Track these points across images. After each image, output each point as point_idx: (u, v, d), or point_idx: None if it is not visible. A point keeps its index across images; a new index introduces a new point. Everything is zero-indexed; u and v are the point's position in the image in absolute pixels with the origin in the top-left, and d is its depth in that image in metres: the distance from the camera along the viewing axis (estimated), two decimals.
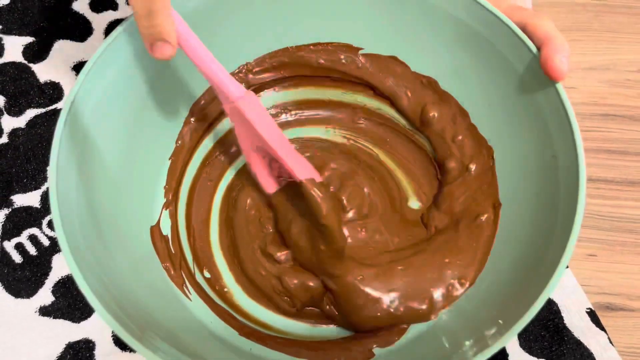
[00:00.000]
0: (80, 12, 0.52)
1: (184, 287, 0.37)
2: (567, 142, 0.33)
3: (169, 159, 0.42)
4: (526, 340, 0.38)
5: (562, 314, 0.39)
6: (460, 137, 0.42)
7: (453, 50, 0.40)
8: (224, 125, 0.45)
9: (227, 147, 0.45)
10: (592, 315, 0.39)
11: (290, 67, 0.45)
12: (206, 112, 0.43)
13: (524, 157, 0.37)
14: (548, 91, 0.34)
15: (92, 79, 0.33)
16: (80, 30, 0.51)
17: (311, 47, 0.44)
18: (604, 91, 0.52)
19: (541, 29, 0.35)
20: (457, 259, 0.38)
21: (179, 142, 0.42)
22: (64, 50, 0.50)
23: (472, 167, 0.41)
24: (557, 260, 0.29)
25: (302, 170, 0.36)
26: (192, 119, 0.43)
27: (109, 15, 0.52)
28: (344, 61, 0.44)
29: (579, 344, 0.38)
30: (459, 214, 0.40)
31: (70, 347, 0.38)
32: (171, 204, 0.41)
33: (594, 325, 0.39)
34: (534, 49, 0.35)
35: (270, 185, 0.40)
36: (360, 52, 0.44)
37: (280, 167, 0.38)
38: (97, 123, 0.34)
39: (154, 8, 0.26)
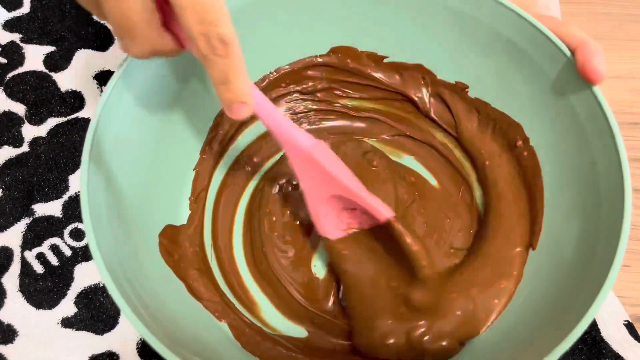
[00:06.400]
0: (101, 22, 0.52)
1: None
2: (607, 148, 0.32)
3: (194, 170, 0.41)
4: (564, 353, 0.37)
5: (599, 327, 0.38)
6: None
7: (481, 57, 0.39)
8: (249, 134, 0.44)
9: (251, 156, 0.44)
10: (630, 327, 0.38)
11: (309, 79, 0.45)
12: (231, 123, 0.43)
13: (560, 165, 0.36)
14: (584, 95, 0.34)
15: (119, 91, 0.33)
16: (101, 39, 0.51)
17: (330, 53, 0.43)
18: (630, 100, 0.51)
19: (572, 35, 0.34)
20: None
21: (204, 153, 0.41)
22: (85, 59, 0.50)
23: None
24: (602, 276, 0.28)
25: (382, 209, 0.34)
26: (217, 130, 0.42)
27: None
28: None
29: (617, 357, 0.37)
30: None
31: (94, 359, 0.37)
32: (196, 215, 0.40)
33: (631, 338, 0.38)
34: (568, 53, 0.34)
35: (334, 232, 0.37)
36: (385, 60, 0.43)
37: (350, 218, 0.36)
38: (124, 134, 0.34)
39: (230, 76, 0.27)
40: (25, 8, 0.52)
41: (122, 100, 0.33)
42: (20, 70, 0.49)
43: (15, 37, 0.51)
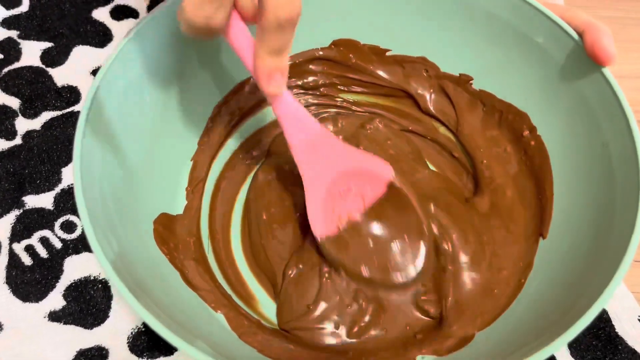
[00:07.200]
0: (101, 20, 0.51)
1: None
2: (619, 127, 0.31)
3: (191, 160, 0.40)
4: (577, 350, 0.35)
5: (614, 322, 0.36)
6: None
7: (487, 46, 0.39)
8: (248, 126, 0.43)
9: (250, 149, 0.43)
10: None
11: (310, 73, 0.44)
12: (230, 113, 0.42)
13: (570, 150, 0.35)
14: (593, 78, 0.33)
15: (114, 74, 0.32)
16: (99, 37, 0.50)
17: (332, 46, 0.43)
18: (636, 98, 0.51)
19: (579, 18, 0.34)
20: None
21: (202, 144, 0.40)
22: (82, 55, 0.49)
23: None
24: (615, 262, 0.27)
25: (384, 167, 0.35)
26: (216, 120, 0.41)
27: (130, 24, 0.51)
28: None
29: (633, 352, 0.35)
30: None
31: (82, 354, 0.34)
32: (193, 205, 0.39)
33: None
34: (576, 36, 0.33)
35: (331, 229, 0.35)
36: (388, 53, 0.43)
37: (344, 207, 0.35)
38: (119, 120, 0.33)
39: (286, 47, 0.28)
40: (24, 6, 0.52)
41: (116, 86, 0.32)
42: (16, 65, 0.48)
43: (13, 33, 0.50)
